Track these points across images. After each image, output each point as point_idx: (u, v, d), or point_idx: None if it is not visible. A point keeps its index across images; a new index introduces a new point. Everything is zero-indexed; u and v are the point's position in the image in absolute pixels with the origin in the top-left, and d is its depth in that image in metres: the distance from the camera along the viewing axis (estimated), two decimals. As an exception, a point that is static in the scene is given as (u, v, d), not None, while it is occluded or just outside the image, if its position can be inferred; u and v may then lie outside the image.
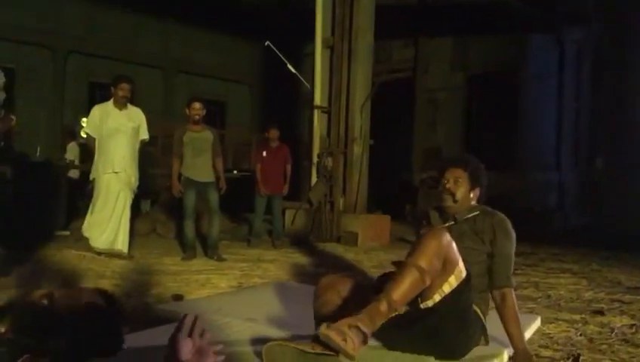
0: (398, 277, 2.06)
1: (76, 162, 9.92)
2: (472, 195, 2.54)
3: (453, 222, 2.51)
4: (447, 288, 2.13)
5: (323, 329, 1.89)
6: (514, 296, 2.41)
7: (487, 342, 2.39)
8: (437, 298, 2.13)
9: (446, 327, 2.18)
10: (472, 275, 2.21)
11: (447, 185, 2.52)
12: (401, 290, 2.02)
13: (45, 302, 1.40)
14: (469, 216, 2.50)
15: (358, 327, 1.88)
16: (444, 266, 2.12)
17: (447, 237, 2.14)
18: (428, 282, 2.08)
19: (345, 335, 1.87)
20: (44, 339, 1.32)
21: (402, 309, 2.09)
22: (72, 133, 11.66)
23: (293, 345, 2.02)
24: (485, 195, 2.61)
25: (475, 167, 2.57)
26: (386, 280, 2.31)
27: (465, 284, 2.18)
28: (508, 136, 11.67)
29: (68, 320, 1.37)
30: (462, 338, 2.24)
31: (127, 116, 5.49)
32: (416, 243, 2.16)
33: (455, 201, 2.50)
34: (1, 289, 3.61)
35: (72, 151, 10.55)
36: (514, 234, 2.46)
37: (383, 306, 1.98)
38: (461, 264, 2.17)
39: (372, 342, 2.15)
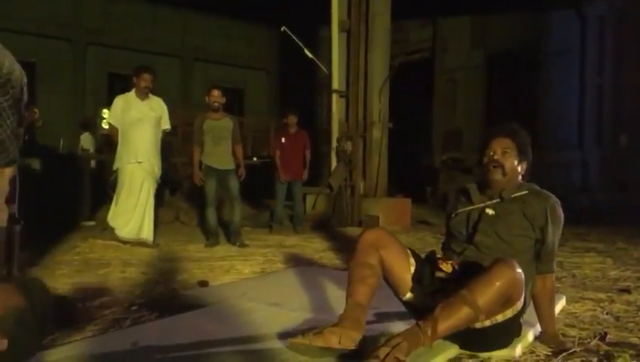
0: (449, 310, 1.91)
1: (91, 151, 10.10)
2: (519, 169, 2.32)
3: (499, 200, 2.29)
4: (500, 318, 2.04)
5: None
6: (554, 279, 2.35)
7: (519, 335, 2.24)
8: (487, 323, 2.02)
9: (490, 344, 2.14)
10: (519, 264, 2.02)
11: (495, 157, 2.28)
12: (449, 324, 1.90)
13: None
14: (518, 194, 2.27)
15: (398, 358, 1.80)
16: (505, 303, 2.00)
17: (518, 272, 1.96)
18: (481, 319, 1.96)
19: None
20: None
21: None
22: (85, 124, 11.93)
23: (318, 345, 1.95)
24: (530, 172, 2.37)
25: (523, 137, 2.33)
26: (429, 264, 2.24)
27: (520, 313, 2.11)
28: (529, 114, 11.49)
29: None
30: (501, 345, 2.17)
31: (149, 106, 5.52)
32: (484, 276, 1.95)
33: (504, 175, 2.27)
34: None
35: (85, 142, 10.77)
36: (563, 218, 2.27)
37: (427, 338, 1.87)
38: (522, 298, 2.06)
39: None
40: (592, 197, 11.11)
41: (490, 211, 2.29)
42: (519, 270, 1.97)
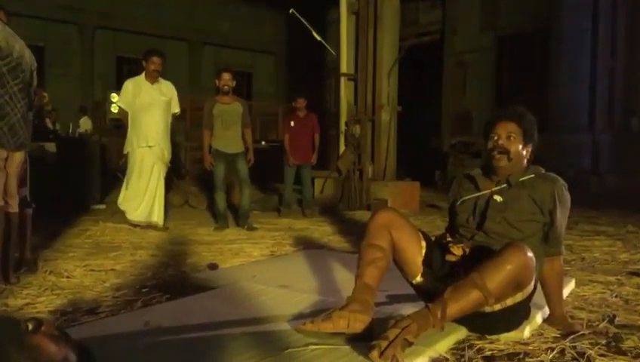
0: (459, 293, 1.91)
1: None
2: (524, 153, 2.28)
3: (505, 185, 2.27)
4: (510, 302, 2.04)
5: (375, 355, 1.76)
6: (562, 261, 2.35)
7: (528, 317, 2.24)
8: (497, 307, 2.02)
9: (499, 327, 2.15)
10: (529, 248, 2.01)
11: (500, 142, 2.24)
12: (459, 307, 1.90)
13: (30, 326, 1.41)
14: (525, 178, 2.25)
15: (407, 340, 1.81)
16: (516, 287, 2.01)
17: (529, 256, 1.95)
18: (491, 302, 1.96)
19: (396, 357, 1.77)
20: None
21: None
22: (84, 108, 12.09)
23: (327, 330, 1.97)
24: (535, 154, 2.33)
25: (529, 121, 2.29)
26: (439, 247, 2.24)
27: (530, 297, 2.11)
28: (539, 97, 11.38)
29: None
30: (510, 328, 2.17)
31: (159, 90, 5.52)
32: (495, 259, 1.94)
33: (509, 160, 2.24)
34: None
35: (84, 126, 10.92)
36: (570, 200, 2.25)
37: (437, 321, 1.87)
38: (533, 282, 2.07)
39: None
40: (602, 180, 11.02)
41: (498, 198, 2.26)
42: (530, 254, 1.97)
